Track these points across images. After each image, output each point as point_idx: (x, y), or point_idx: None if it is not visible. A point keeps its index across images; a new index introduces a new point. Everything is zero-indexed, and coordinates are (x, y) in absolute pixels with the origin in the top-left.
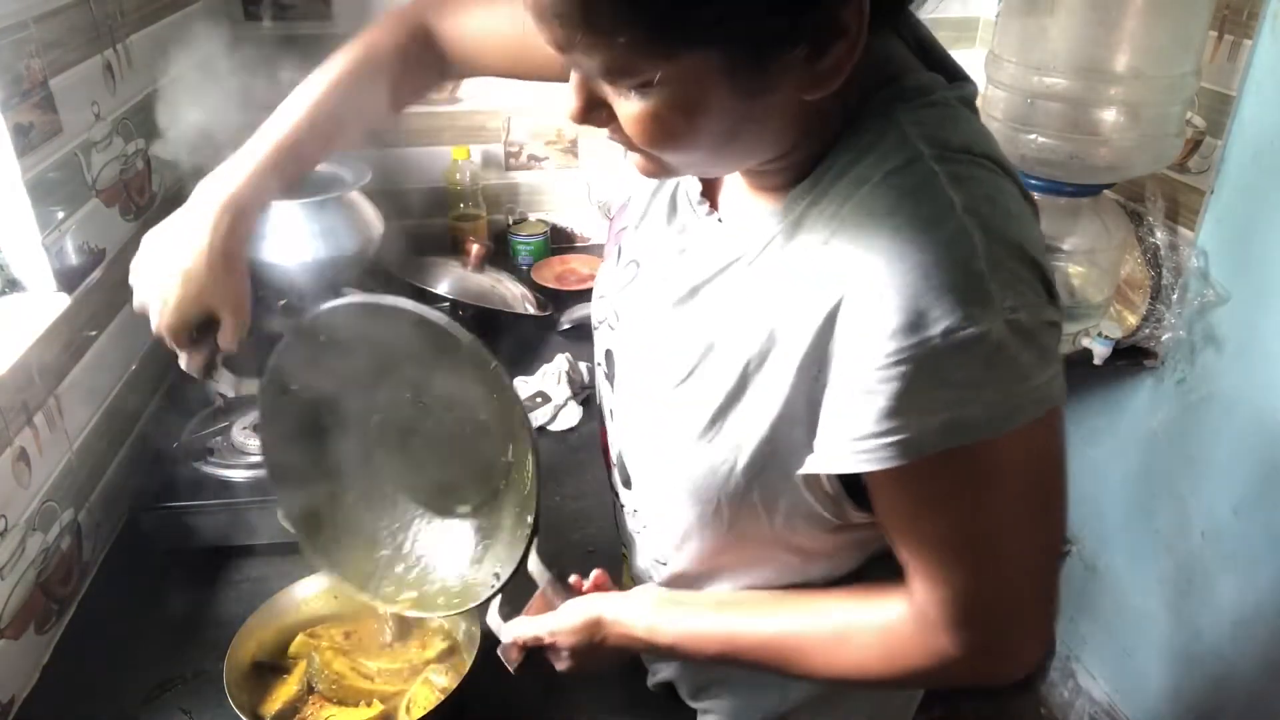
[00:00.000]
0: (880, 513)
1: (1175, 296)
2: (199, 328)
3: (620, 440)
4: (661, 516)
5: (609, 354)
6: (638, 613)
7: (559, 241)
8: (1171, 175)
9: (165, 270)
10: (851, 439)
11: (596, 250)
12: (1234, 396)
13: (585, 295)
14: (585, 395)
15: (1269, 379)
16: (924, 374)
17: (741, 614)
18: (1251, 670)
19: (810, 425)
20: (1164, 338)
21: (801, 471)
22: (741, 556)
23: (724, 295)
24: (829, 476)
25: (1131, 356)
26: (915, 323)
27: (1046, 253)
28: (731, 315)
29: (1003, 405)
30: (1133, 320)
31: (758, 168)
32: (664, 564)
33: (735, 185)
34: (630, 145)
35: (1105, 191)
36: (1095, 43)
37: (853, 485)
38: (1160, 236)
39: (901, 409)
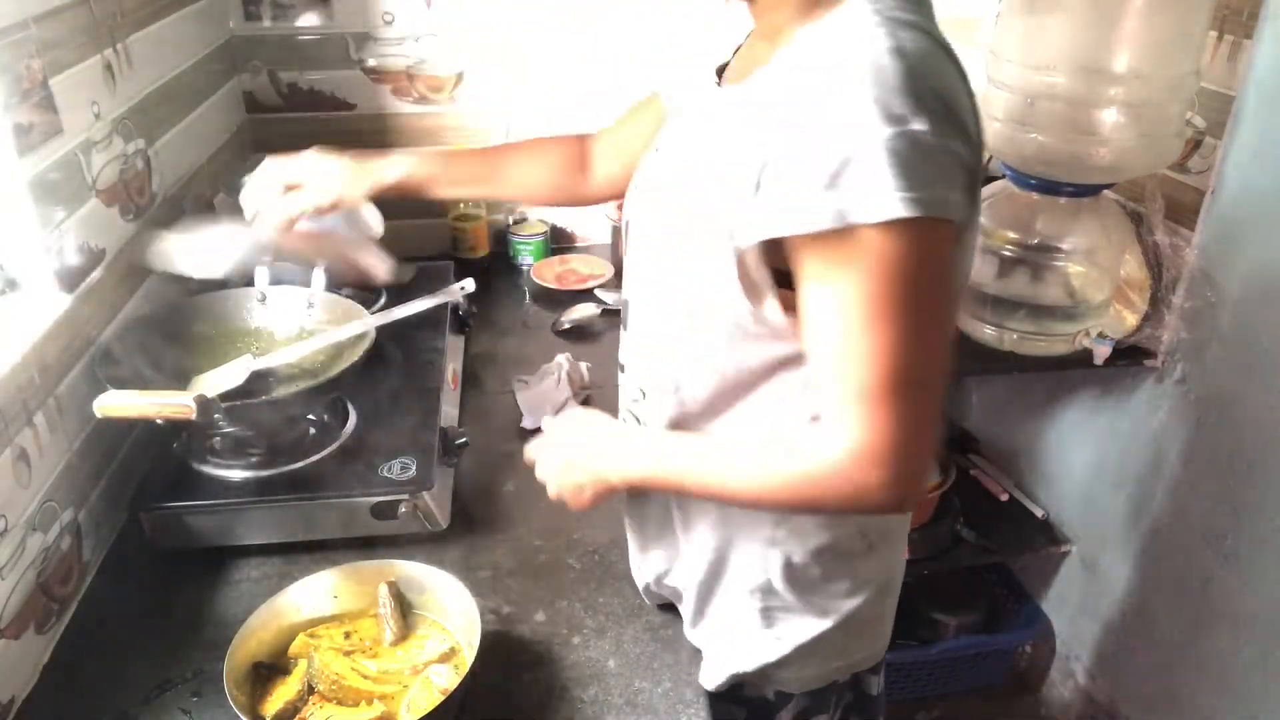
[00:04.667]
0: (802, 306)
1: (1175, 296)
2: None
3: (629, 289)
4: (647, 343)
5: (627, 224)
6: (636, 434)
7: (559, 241)
8: (1171, 175)
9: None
10: (789, 210)
11: (597, 250)
12: (1234, 396)
13: (585, 295)
14: (585, 395)
15: (1269, 379)
16: (850, 162)
17: (710, 444)
18: (1251, 671)
19: (745, 213)
20: (1164, 338)
21: (751, 241)
22: (701, 385)
23: (725, 129)
24: (760, 271)
25: (1131, 356)
26: (847, 125)
27: (967, 108)
28: (726, 144)
29: (910, 196)
30: (1133, 320)
31: (765, 22)
32: (642, 399)
33: (737, 69)
34: None
35: (1105, 191)
36: (1095, 42)
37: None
38: (1160, 236)
39: (832, 188)
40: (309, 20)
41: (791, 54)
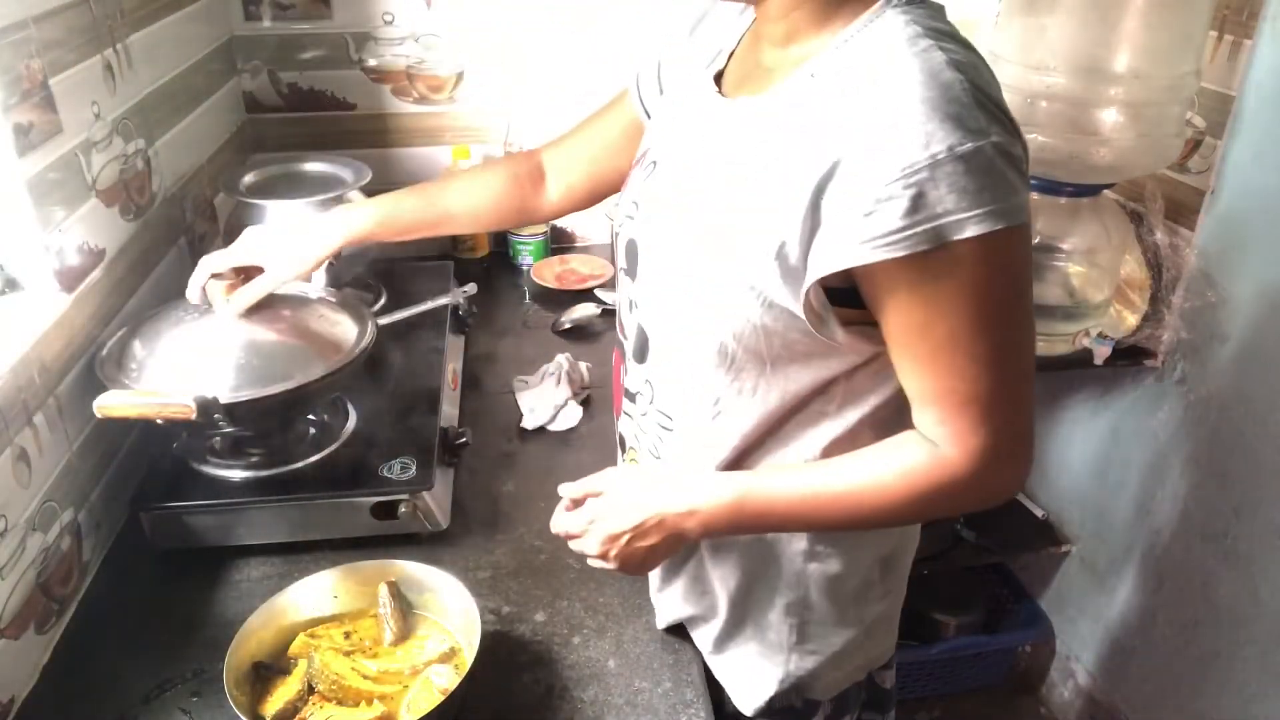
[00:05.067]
0: (892, 328)
1: (1175, 296)
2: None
3: (642, 316)
4: (677, 371)
5: (631, 245)
6: (718, 486)
7: (559, 241)
8: (1171, 175)
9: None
10: (878, 235)
11: (597, 250)
12: (1234, 396)
13: (585, 295)
14: (585, 395)
15: (1269, 379)
16: (935, 180)
17: (805, 474)
18: (1251, 671)
19: (806, 245)
20: (1164, 338)
21: (833, 269)
22: (744, 411)
23: (748, 142)
24: (818, 295)
25: (1131, 356)
26: (925, 142)
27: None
28: (754, 158)
29: (999, 206)
30: (1133, 320)
31: (777, 27)
32: (670, 430)
33: (739, 76)
34: None
35: (1105, 191)
36: (1095, 43)
37: (841, 302)
38: (1160, 236)
39: (921, 207)
40: (309, 20)
41: (823, 65)
